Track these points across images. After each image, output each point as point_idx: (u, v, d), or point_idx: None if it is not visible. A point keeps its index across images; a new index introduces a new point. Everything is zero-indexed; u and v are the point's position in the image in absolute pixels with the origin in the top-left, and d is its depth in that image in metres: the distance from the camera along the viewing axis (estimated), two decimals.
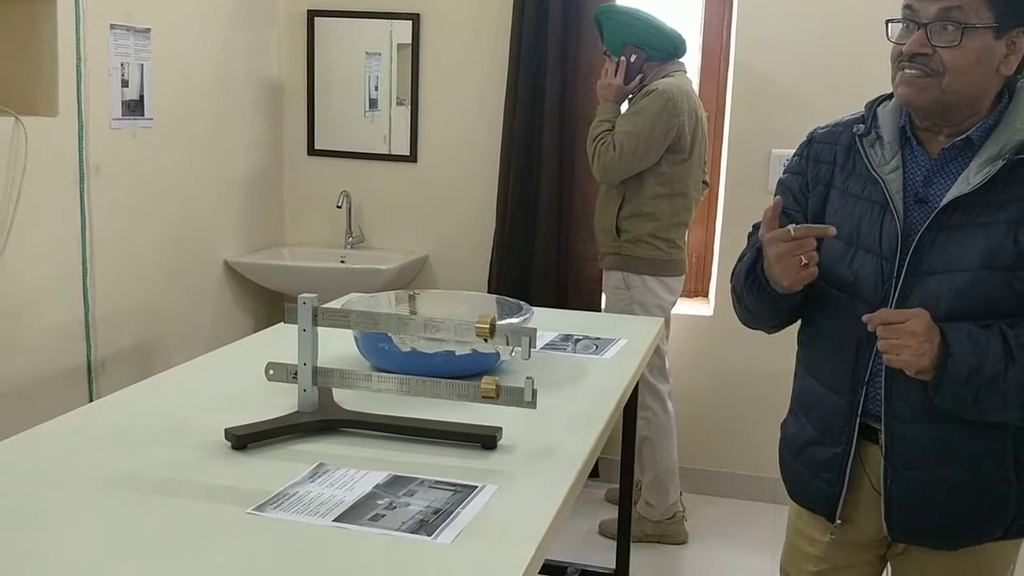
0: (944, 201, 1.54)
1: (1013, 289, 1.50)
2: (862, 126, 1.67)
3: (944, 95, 1.53)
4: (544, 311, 2.59)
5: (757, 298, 1.70)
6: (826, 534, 1.74)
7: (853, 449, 1.65)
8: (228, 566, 1.19)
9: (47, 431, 1.63)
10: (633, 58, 3.19)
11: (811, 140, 1.77)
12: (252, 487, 1.40)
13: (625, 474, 2.68)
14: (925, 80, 1.53)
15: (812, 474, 1.72)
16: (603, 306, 3.49)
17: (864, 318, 1.53)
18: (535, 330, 1.58)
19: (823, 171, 1.71)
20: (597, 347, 2.27)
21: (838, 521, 1.69)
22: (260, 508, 1.33)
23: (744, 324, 1.83)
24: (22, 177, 2.65)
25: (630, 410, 2.55)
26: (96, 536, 1.26)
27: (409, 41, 3.85)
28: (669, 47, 3.18)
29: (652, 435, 3.32)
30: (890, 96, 1.69)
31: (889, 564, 1.78)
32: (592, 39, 3.57)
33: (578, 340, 2.32)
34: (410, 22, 3.84)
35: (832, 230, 1.58)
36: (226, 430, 1.57)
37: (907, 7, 1.55)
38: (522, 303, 2.16)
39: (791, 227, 1.55)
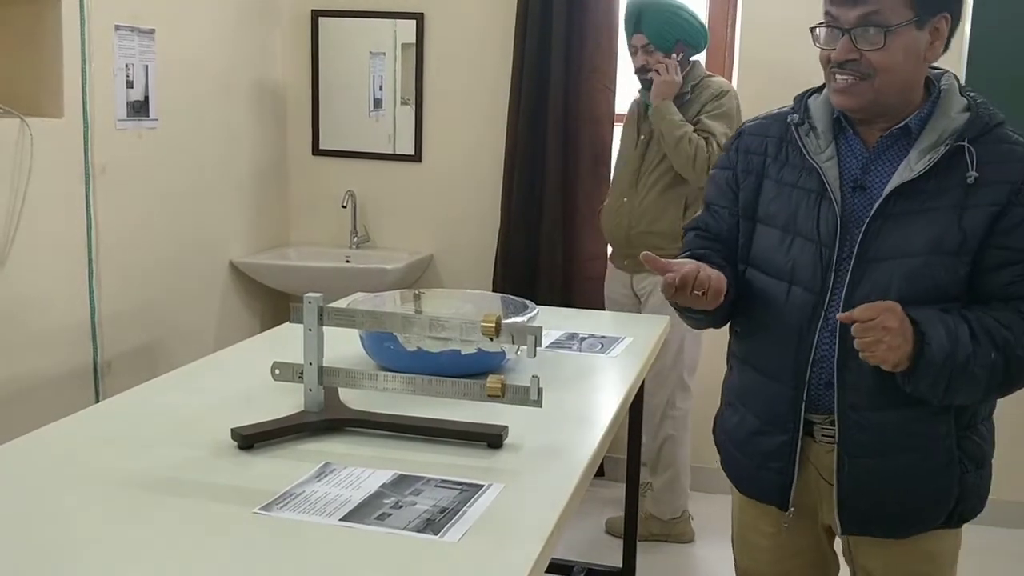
0: (890, 188, 1.57)
1: (959, 274, 1.55)
2: (796, 116, 1.69)
3: (878, 95, 1.57)
4: (549, 310, 2.59)
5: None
6: (775, 524, 1.75)
7: (800, 437, 1.66)
8: (235, 565, 1.20)
9: (54, 432, 1.64)
10: (680, 55, 3.13)
11: (741, 133, 1.80)
12: (258, 487, 1.40)
13: (631, 473, 2.68)
14: (858, 85, 1.57)
15: (759, 464, 1.73)
16: (643, 308, 3.39)
17: (839, 317, 1.53)
18: (540, 328, 1.58)
19: (754, 162, 1.73)
20: (603, 346, 2.27)
21: (791, 509, 1.70)
22: (267, 508, 1.34)
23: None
24: (28, 178, 2.66)
25: (636, 409, 2.55)
26: (103, 536, 1.26)
27: (413, 41, 3.85)
28: (704, 42, 3.18)
29: (677, 434, 3.31)
30: (820, 88, 1.72)
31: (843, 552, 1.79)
32: (596, 38, 3.57)
33: (584, 339, 2.32)
34: (414, 22, 3.84)
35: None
36: (232, 430, 1.57)
37: (827, 14, 1.58)
38: (527, 302, 2.17)
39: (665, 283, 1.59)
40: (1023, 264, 1.54)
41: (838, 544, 1.80)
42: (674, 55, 3.11)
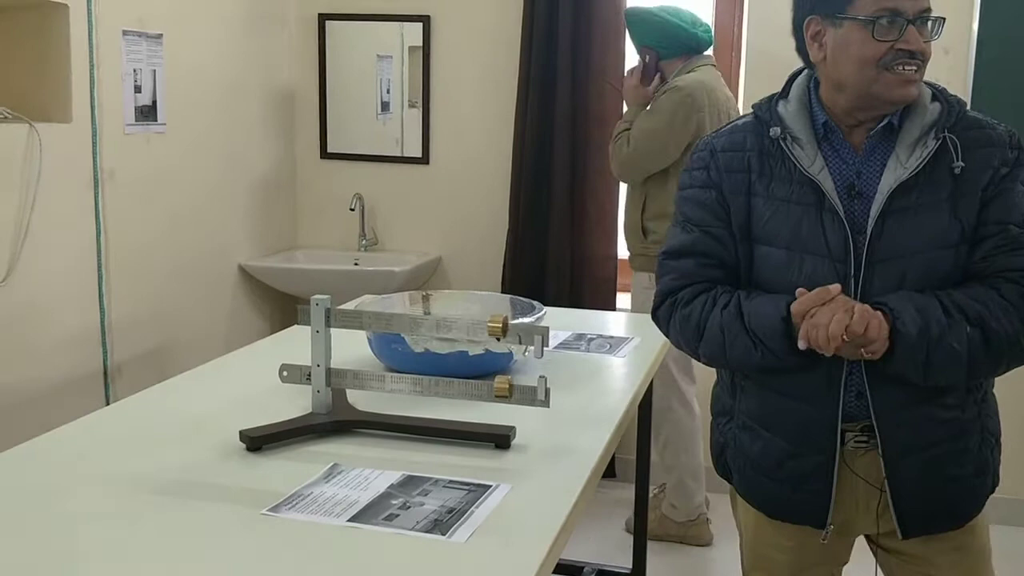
0: (888, 189, 1.55)
1: (960, 263, 1.56)
2: (777, 129, 1.61)
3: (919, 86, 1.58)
4: (557, 310, 2.59)
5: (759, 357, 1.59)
6: (794, 538, 1.70)
7: (838, 454, 1.61)
8: (243, 567, 1.20)
9: (65, 434, 1.65)
10: (647, 59, 3.18)
11: (713, 151, 1.68)
12: (267, 488, 1.41)
13: (641, 474, 2.68)
14: (919, 74, 1.56)
15: (794, 488, 1.66)
16: (630, 306, 3.43)
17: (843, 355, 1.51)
18: (547, 329, 1.58)
19: (738, 180, 1.64)
20: (611, 346, 2.27)
21: (830, 527, 1.64)
22: (275, 509, 1.34)
23: (685, 350, 1.70)
24: (37, 184, 2.67)
25: (645, 410, 2.55)
26: (113, 537, 1.27)
27: (420, 43, 3.86)
28: (687, 43, 3.15)
29: (677, 437, 3.30)
30: (783, 94, 1.67)
31: (879, 560, 1.76)
32: (603, 39, 3.58)
33: (591, 339, 2.32)
34: (421, 24, 3.84)
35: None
36: (241, 432, 1.58)
37: (888, 10, 1.52)
38: (535, 303, 2.16)
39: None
40: (996, 238, 1.54)
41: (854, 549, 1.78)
42: (643, 59, 3.19)
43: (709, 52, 3.24)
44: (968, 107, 1.64)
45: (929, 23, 1.55)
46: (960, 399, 1.60)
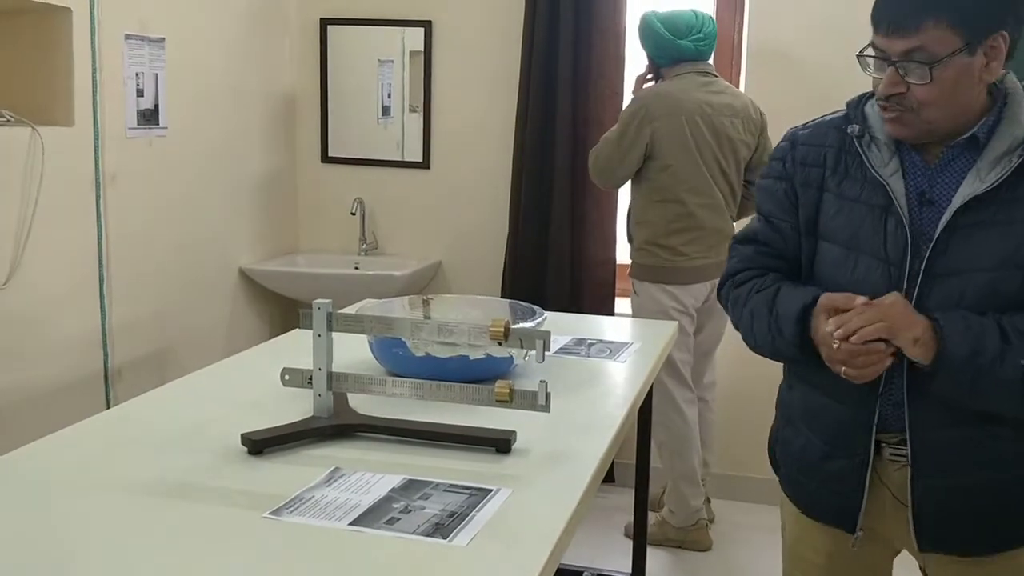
0: (961, 201, 1.50)
1: None
2: (856, 127, 1.60)
3: (931, 125, 1.51)
4: (558, 315, 2.59)
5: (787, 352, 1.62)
6: (834, 542, 1.69)
7: (871, 460, 1.60)
8: (245, 570, 1.20)
9: (64, 437, 1.65)
10: (645, 67, 3.27)
11: (794, 143, 1.68)
12: (268, 491, 1.41)
13: (640, 479, 2.68)
14: (906, 116, 1.51)
15: (828, 489, 1.66)
16: (631, 311, 3.44)
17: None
18: (548, 333, 1.58)
19: (813, 175, 1.64)
20: (611, 351, 2.27)
21: (859, 532, 1.63)
22: (276, 512, 1.34)
23: (739, 330, 1.73)
24: (39, 186, 2.68)
25: (645, 414, 2.55)
26: (113, 540, 1.27)
27: (421, 48, 3.87)
28: (671, 52, 3.18)
29: (669, 441, 3.31)
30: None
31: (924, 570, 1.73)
32: (603, 45, 3.58)
33: (592, 344, 2.33)
34: (422, 29, 3.85)
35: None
36: (242, 435, 1.58)
37: (874, 45, 1.51)
38: (535, 307, 2.17)
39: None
40: None
41: (897, 561, 1.76)
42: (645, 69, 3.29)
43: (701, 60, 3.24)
44: None
45: (914, 66, 1.47)
46: (1011, 430, 1.54)
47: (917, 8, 1.45)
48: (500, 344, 1.57)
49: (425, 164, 3.94)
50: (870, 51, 1.52)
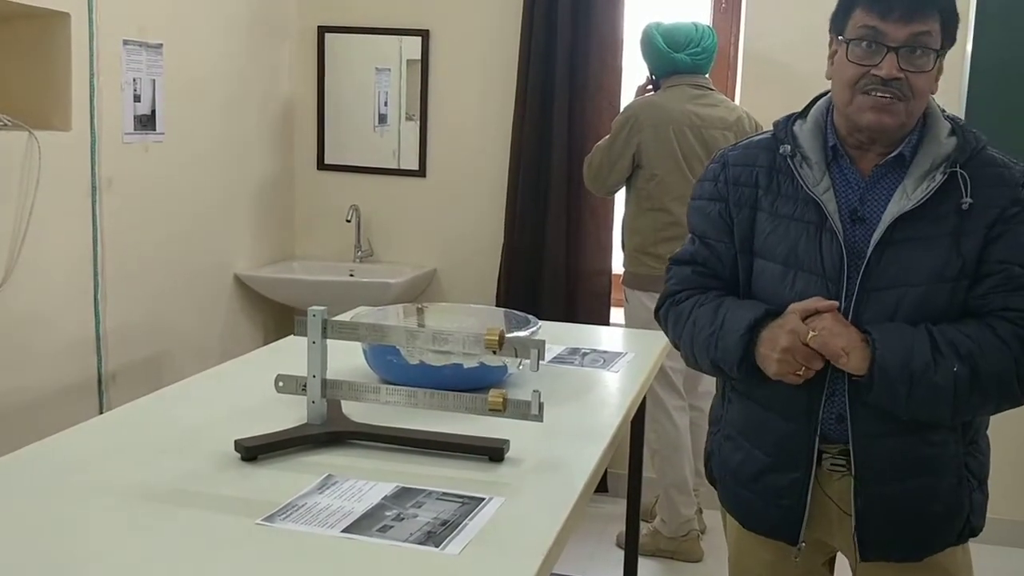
0: (891, 219, 1.55)
1: (958, 298, 1.55)
2: (788, 147, 1.64)
3: (908, 118, 1.56)
4: (552, 324, 2.60)
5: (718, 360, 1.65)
6: (775, 553, 1.71)
7: (813, 472, 1.62)
8: None
9: (58, 443, 1.65)
10: (645, 79, 3.33)
11: (725, 164, 1.71)
12: (261, 498, 1.41)
13: (633, 489, 2.68)
14: (896, 105, 1.54)
15: (769, 502, 1.68)
16: (624, 321, 3.48)
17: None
18: (543, 342, 1.58)
19: (746, 194, 1.67)
20: (604, 361, 2.28)
21: (801, 544, 1.65)
22: (269, 519, 1.34)
23: (679, 349, 1.76)
24: (35, 191, 2.68)
25: (638, 424, 2.55)
26: (107, 546, 1.27)
27: (418, 57, 3.88)
28: (665, 64, 3.23)
29: (661, 449, 3.32)
30: (802, 114, 1.69)
31: None
32: (600, 54, 3.60)
33: (586, 354, 2.33)
34: (419, 38, 3.86)
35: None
36: (236, 441, 1.58)
37: (870, 28, 1.53)
38: (530, 316, 2.17)
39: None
40: (997, 276, 1.54)
41: (838, 570, 1.78)
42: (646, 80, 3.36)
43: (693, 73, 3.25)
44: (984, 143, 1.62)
45: (919, 51, 1.52)
46: (944, 437, 1.59)
47: None
48: (494, 353, 1.58)
49: (421, 172, 3.95)
50: (861, 38, 1.54)
